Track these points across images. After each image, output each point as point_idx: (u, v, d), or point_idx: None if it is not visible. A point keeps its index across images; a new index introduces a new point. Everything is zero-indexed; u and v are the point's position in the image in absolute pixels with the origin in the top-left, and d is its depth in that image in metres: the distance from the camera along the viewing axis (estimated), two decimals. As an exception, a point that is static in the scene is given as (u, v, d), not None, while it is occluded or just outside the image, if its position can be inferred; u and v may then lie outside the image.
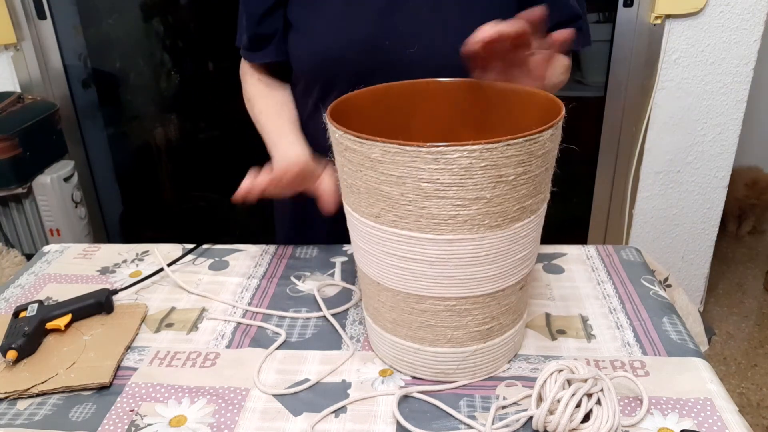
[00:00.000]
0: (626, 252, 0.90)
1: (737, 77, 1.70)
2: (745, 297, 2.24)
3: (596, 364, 0.68)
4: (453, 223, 0.56)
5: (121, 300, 0.82)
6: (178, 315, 0.79)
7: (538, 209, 0.60)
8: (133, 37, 2.19)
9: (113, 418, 0.63)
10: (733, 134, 1.77)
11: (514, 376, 0.66)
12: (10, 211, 1.78)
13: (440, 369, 0.65)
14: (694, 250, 1.95)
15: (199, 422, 0.62)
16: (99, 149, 2.22)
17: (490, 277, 0.60)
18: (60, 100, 1.95)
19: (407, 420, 0.61)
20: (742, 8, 1.62)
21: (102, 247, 0.97)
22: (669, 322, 0.74)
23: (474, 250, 0.57)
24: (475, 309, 0.61)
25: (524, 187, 0.57)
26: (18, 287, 0.87)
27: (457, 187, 0.54)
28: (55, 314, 0.75)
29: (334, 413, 0.63)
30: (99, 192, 2.19)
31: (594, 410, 0.58)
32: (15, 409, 0.64)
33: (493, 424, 0.59)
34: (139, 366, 0.70)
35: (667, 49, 1.69)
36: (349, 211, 0.63)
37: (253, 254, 0.93)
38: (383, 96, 0.72)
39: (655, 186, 1.87)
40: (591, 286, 0.82)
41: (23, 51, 1.87)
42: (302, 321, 0.77)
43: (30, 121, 1.70)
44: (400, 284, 0.61)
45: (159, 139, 2.34)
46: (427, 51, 0.83)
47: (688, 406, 0.61)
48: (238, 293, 0.83)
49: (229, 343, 0.74)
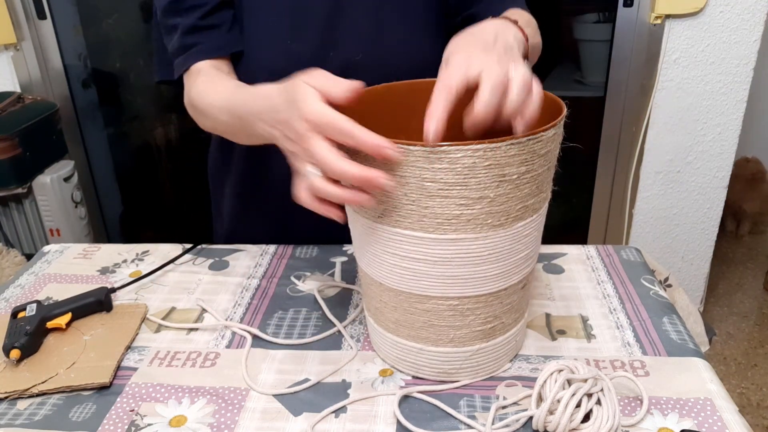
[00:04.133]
0: (626, 252, 0.90)
1: (737, 77, 1.70)
2: (745, 297, 2.24)
3: (596, 364, 0.68)
4: (456, 223, 0.56)
5: (121, 300, 0.82)
6: (178, 315, 0.79)
7: (540, 208, 0.60)
8: (133, 37, 2.19)
9: (113, 418, 0.63)
10: (733, 134, 1.77)
11: (514, 376, 0.66)
12: (10, 211, 1.78)
13: (443, 369, 0.65)
14: (694, 250, 1.95)
15: (199, 422, 0.62)
16: (99, 149, 2.22)
17: (492, 276, 0.60)
18: (60, 100, 1.95)
19: (407, 420, 0.61)
20: (742, 8, 1.62)
21: (102, 247, 0.97)
22: (669, 322, 0.74)
23: (477, 249, 0.57)
24: (477, 308, 0.61)
25: (527, 186, 0.57)
26: (18, 287, 0.87)
27: (461, 187, 0.54)
28: (55, 313, 0.75)
29: (334, 413, 0.63)
30: (99, 192, 2.19)
31: (594, 410, 0.58)
32: (15, 409, 0.64)
33: (493, 424, 0.59)
34: (139, 366, 0.70)
35: (667, 49, 1.69)
36: (351, 211, 0.63)
37: (253, 254, 0.93)
38: (383, 96, 0.72)
39: (655, 186, 1.87)
40: (591, 286, 0.82)
41: (23, 51, 1.87)
42: (302, 321, 0.77)
43: (30, 121, 1.70)
44: (403, 284, 0.61)
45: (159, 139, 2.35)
46: (371, 57, 0.83)
47: (688, 406, 0.61)
48: (238, 293, 0.83)
49: (229, 343, 0.74)
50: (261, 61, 0.85)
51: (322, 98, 0.54)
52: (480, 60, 0.55)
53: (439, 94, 0.54)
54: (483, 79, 0.53)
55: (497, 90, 0.53)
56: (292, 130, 0.56)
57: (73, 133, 2.04)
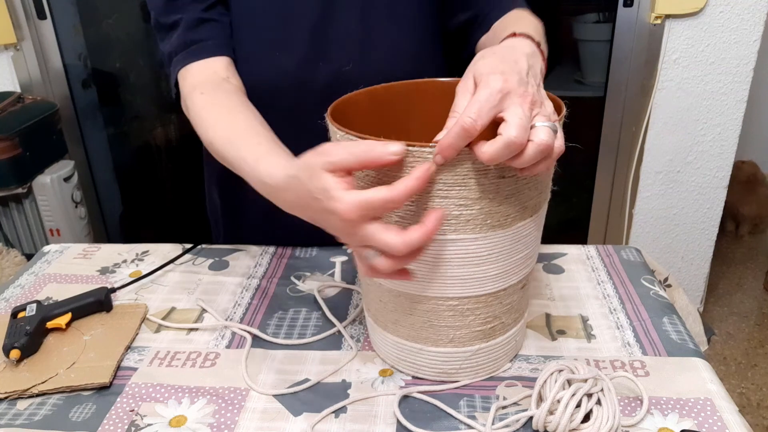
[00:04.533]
0: (626, 252, 0.90)
1: (737, 77, 1.70)
2: (745, 297, 2.24)
3: (596, 364, 0.68)
4: (456, 223, 0.56)
5: (121, 300, 0.82)
6: (178, 315, 0.79)
7: (539, 208, 0.60)
8: (133, 37, 2.19)
9: (113, 418, 0.63)
10: (733, 134, 1.77)
11: (514, 376, 0.66)
12: (10, 211, 1.78)
13: (443, 369, 0.65)
14: (694, 250, 1.95)
15: (199, 422, 0.62)
16: (99, 149, 2.21)
17: (492, 276, 0.60)
18: (60, 100, 1.95)
19: (407, 420, 0.61)
20: (742, 8, 1.62)
21: (102, 247, 0.97)
22: (669, 322, 0.74)
23: (477, 249, 0.57)
24: (477, 308, 0.61)
25: (526, 187, 0.57)
26: (18, 287, 0.87)
27: (460, 187, 0.54)
28: (55, 313, 0.75)
29: (334, 413, 0.63)
30: (99, 192, 2.19)
31: (594, 410, 0.58)
32: (15, 409, 0.64)
33: (493, 424, 0.59)
34: (139, 366, 0.70)
35: (667, 49, 1.69)
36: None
37: (253, 254, 0.93)
38: (382, 96, 0.72)
39: (655, 186, 1.87)
40: (591, 286, 0.82)
41: (23, 51, 1.87)
42: (302, 321, 0.77)
43: (30, 121, 1.70)
44: (403, 285, 0.61)
45: (159, 139, 2.34)
46: (361, 66, 0.81)
47: (688, 406, 0.61)
48: (238, 293, 0.83)
49: (229, 343, 0.74)
50: (248, 74, 0.81)
51: (346, 184, 0.50)
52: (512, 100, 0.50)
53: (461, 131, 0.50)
54: (504, 128, 0.49)
55: (512, 149, 0.49)
56: (333, 227, 0.53)
57: (73, 133, 2.04)
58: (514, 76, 0.51)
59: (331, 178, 0.50)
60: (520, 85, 0.51)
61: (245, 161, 0.62)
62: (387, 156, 0.50)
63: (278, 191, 0.57)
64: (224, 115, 0.71)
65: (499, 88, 0.50)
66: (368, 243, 0.51)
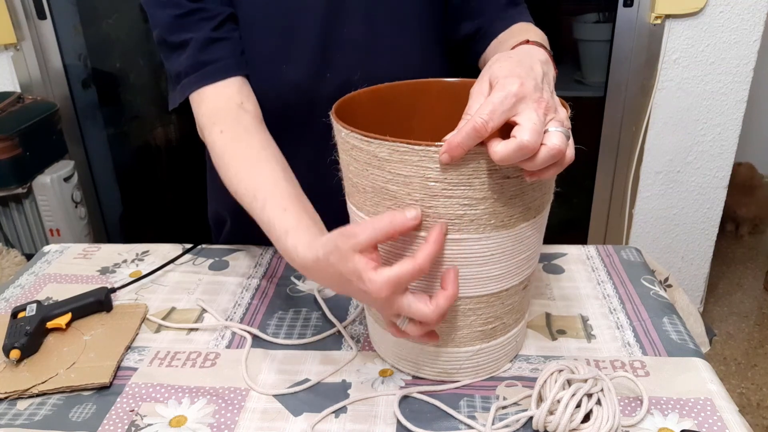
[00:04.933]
0: (626, 252, 0.90)
1: (737, 77, 1.70)
2: (745, 297, 2.24)
3: (596, 364, 0.68)
4: (460, 223, 0.56)
5: (121, 300, 0.82)
6: (178, 315, 0.79)
7: (543, 209, 0.60)
8: (133, 37, 2.19)
9: (113, 418, 0.63)
10: (733, 134, 1.77)
11: (514, 377, 0.66)
12: (10, 211, 1.78)
13: (443, 368, 0.65)
14: (694, 250, 1.95)
15: (199, 422, 0.62)
16: (99, 149, 2.21)
17: (495, 276, 0.60)
18: (60, 100, 1.95)
19: (407, 420, 0.61)
20: (742, 8, 1.62)
21: (102, 247, 0.97)
22: (669, 322, 0.74)
23: (480, 249, 0.57)
24: (479, 309, 0.61)
25: (530, 188, 0.57)
26: (18, 287, 0.87)
27: (465, 187, 0.54)
28: (55, 313, 0.75)
29: (334, 413, 0.63)
30: (99, 192, 2.19)
31: (594, 410, 0.58)
32: (15, 409, 0.64)
33: (493, 425, 0.59)
34: (139, 366, 0.70)
35: (667, 49, 1.69)
36: (354, 210, 0.63)
37: (253, 254, 0.93)
38: (386, 95, 0.72)
39: (655, 186, 1.87)
40: (591, 286, 0.82)
41: (23, 51, 1.87)
42: (302, 321, 0.77)
43: (30, 121, 1.70)
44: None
45: (159, 139, 2.34)
46: (370, 74, 0.78)
47: (689, 406, 0.61)
48: (238, 293, 0.83)
49: (229, 344, 0.74)
50: (256, 88, 0.79)
51: (375, 263, 0.53)
52: (527, 104, 0.50)
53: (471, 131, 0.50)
54: (518, 131, 0.49)
55: (524, 152, 0.49)
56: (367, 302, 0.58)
57: (73, 133, 2.04)
58: (530, 81, 0.51)
59: (361, 261, 0.52)
60: (535, 91, 0.51)
61: (272, 227, 0.62)
62: (409, 222, 0.54)
63: (306, 270, 0.60)
64: (247, 162, 0.69)
65: (515, 91, 0.50)
66: (402, 314, 0.55)
